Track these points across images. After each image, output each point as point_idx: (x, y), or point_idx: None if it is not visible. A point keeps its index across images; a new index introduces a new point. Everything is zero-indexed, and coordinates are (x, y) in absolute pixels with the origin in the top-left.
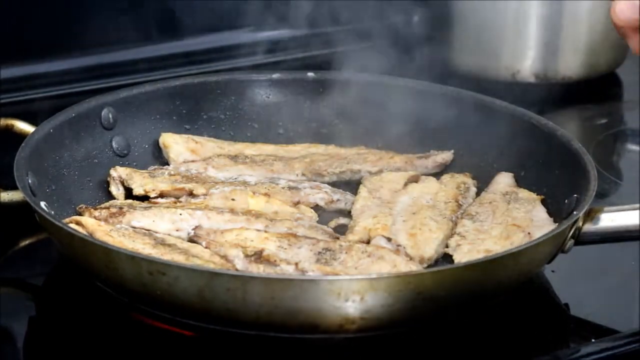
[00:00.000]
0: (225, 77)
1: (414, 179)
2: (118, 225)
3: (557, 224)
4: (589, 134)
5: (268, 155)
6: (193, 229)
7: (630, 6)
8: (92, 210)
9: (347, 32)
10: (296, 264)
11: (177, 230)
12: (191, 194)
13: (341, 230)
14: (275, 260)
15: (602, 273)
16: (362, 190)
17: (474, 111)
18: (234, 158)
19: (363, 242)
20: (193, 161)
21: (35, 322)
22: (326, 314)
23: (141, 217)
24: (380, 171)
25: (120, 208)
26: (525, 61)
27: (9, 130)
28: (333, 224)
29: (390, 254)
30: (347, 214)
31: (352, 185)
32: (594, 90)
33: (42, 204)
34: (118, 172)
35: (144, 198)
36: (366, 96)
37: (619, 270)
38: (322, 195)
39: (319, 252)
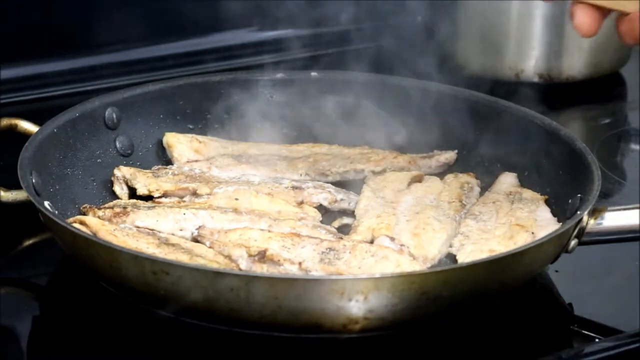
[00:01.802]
0: (229, 77)
1: (418, 179)
2: (122, 225)
3: (560, 223)
4: (593, 133)
5: (271, 155)
6: (197, 229)
7: (591, 19)
8: (96, 209)
9: (351, 32)
10: (300, 263)
11: (180, 230)
12: (195, 193)
13: (345, 230)
14: (278, 260)
15: (606, 273)
16: (366, 190)
17: (477, 111)
18: (238, 158)
19: (367, 241)
20: (197, 161)
21: (39, 322)
22: (330, 314)
23: (145, 217)
24: (383, 171)
25: (124, 208)
26: (529, 61)
27: (13, 130)
28: (337, 223)
29: (393, 254)
30: (351, 213)
31: (355, 185)
32: (598, 90)
33: (46, 203)
34: (122, 171)
35: (148, 198)
36: (370, 96)
37: (622, 270)
38: (325, 195)
39: (323, 252)
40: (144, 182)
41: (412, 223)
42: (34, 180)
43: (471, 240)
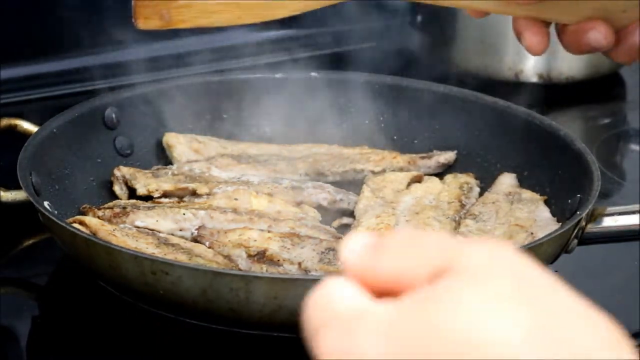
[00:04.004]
0: (228, 77)
1: (417, 179)
2: (121, 225)
3: (560, 224)
4: (592, 134)
5: (271, 155)
6: (196, 229)
7: (540, 35)
8: (95, 210)
9: (350, 31)
10: (299, 263)
11: (180, 230)
12: (194, 193)
13: (344, 230)
14: (278, 260)
15: (605, 273)
16: (365, 190)
17: (476, 111)
18: (237, 158)
19: None
20: (196, 161)
21: (39, 322)
22: None
23: (145, 217)
24: (383, 171)
25: (124, 208)
26: (529, 61)
27: (13, 130)
28: (336, 223)
29: None
30: (350, 213)
31: (355, 185)
32: (597, 90)
33: (46, 203)
34: (121, 171)
35: (148, 198)
36: (369, 96)
37: (622, 270)
38: (325, 195)
39: (322, 252)
40: (143, 182)
41: (412, 223)
42: (33, 180)
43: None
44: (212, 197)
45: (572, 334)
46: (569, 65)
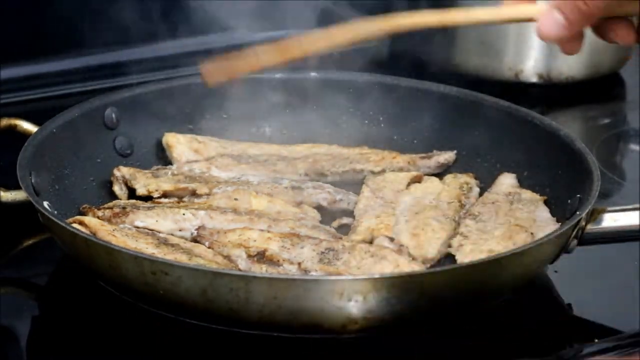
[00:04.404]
0: None
1: (417, 179)
2: (121, 225)
3: (560, 224)
4: (592, 134)
5: (271, 155)
6: (196, 229)
7: (554, 24)
8: (95, 210)
9: None
10: (299, 263)
11: (180, 230)
12: (194, 193)
13: (344, 230)
14: (278, 260)
15: (605, 273)
16: (365, 190)
17: (476, 111)
18: (237, 158)
19: (366, 242)
20: (196, 161)
21: (38, 322)
22: (329, 314)
23: (144, 217)
24: (382, 171)
25: (124, 208)
26: (529, 61)
27: (13, 130)
28: (336, 224)
29: (392, 254)
30: (350, 213)
31: (354, 185)
32: (597, 90)
33: (46, 203)
34: (121, 172)
35: (147, 198)
36: (369, 96)
37: (622, 271)
38: (324, 195)
39: (322, 252)
40: (143, 182)
41: (412, 223)
42: (33, 181)
43: (470, 241)
44: (212, 197)
45: None
46: (569, 65)
